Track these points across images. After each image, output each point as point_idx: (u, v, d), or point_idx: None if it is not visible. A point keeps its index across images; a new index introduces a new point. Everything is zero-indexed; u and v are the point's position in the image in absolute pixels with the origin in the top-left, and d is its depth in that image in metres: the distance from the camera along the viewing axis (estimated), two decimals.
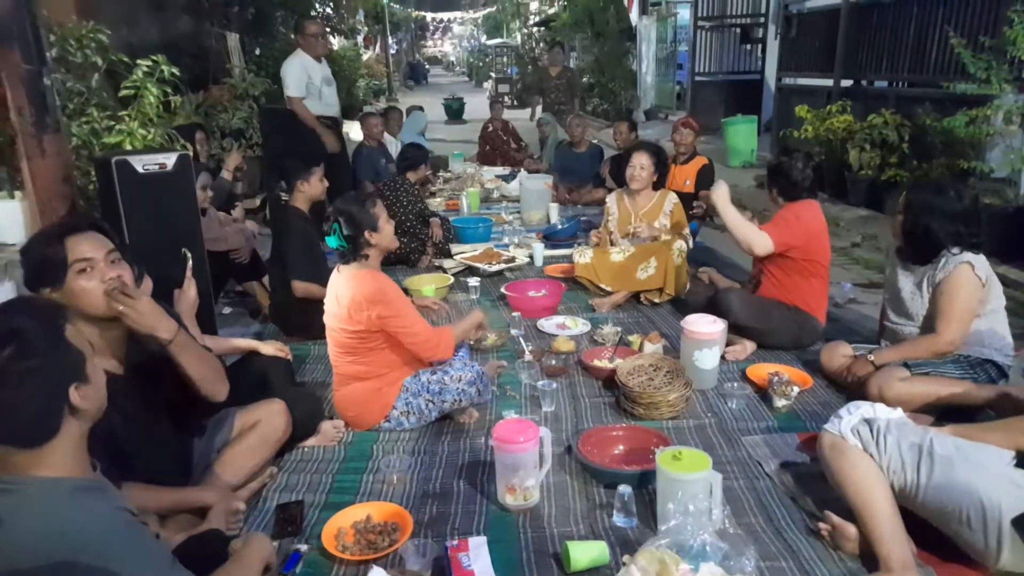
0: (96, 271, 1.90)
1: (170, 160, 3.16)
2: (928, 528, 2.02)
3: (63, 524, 1.27)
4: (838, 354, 3.16)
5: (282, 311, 3.90)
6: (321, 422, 2.86)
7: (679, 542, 1.81)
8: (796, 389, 2.98)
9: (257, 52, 8.79)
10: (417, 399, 2.88)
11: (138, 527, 1.39)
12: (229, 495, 2.26)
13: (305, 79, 5.56)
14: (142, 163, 3.07)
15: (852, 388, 2.97)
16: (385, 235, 2.87)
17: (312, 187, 3.91)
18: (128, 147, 3.47)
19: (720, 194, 3.48)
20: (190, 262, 2.66)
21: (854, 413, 2.17)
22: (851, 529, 2.08)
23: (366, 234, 2.80)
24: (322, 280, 3.86)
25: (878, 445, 2.06)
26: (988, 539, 1.90)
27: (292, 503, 2.38)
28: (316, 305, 3.75)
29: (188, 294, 2.61)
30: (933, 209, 2.81)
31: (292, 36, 8.87)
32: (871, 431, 2.09)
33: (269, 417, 2.52)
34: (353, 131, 9.28)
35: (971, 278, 2.74)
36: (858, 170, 6.31)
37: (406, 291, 4.24)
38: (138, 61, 3.56)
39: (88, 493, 1.34)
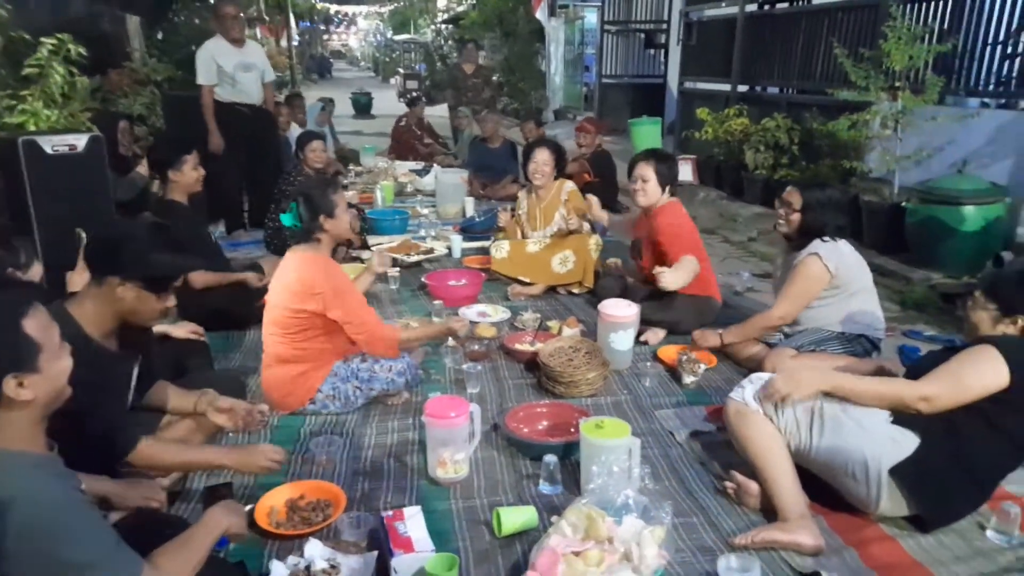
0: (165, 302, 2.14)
1: (81, 141, 3.06)
2: (818, 482, 2.27)
3: (11, 495, 1.28)
4: None
5: (189, 307, 3.76)
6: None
7: (603, 499, 1.96)
8: (703, 367, 3.22)
9: (160, 36, 8.43)
10: (345, 385, 2.92)
11: (86, 506, 1.41)
12: (154, 489, 2.22)
13: (214, 66, 5.35)
14: (51, 144, 2.97)
15: (748, 365, 3.25)
16: (341, 222, 2.90)
17: (185, 176, 3.63)
18: (32, 128, 3.32)
19: (667, 279, 3.48)
20: (84, 243, 2.60)
21: (755, 382, 2.39)
22: (754, 486, 2.30)
23: (321, 218, 2.82)
24: (219, 267, 3.79)
25: (776, 409, 2.29)
26: (870, 489, 2.16)
27: (221, 485, 2.37)
28: (221, 293, 3.68)
29: (81, 277, 2.54)
30: (827, 205, 3.10)
31: (196, 21, 8.60)
32: None
33: None
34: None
35: (816, 268, 3.04)
36: (753, 170, 6.74)
37: None
38: (42, 39, 3.40)
39: (41, 469, 1.36)
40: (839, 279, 3.07)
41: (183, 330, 2.95)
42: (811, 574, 2.01)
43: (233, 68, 5.44)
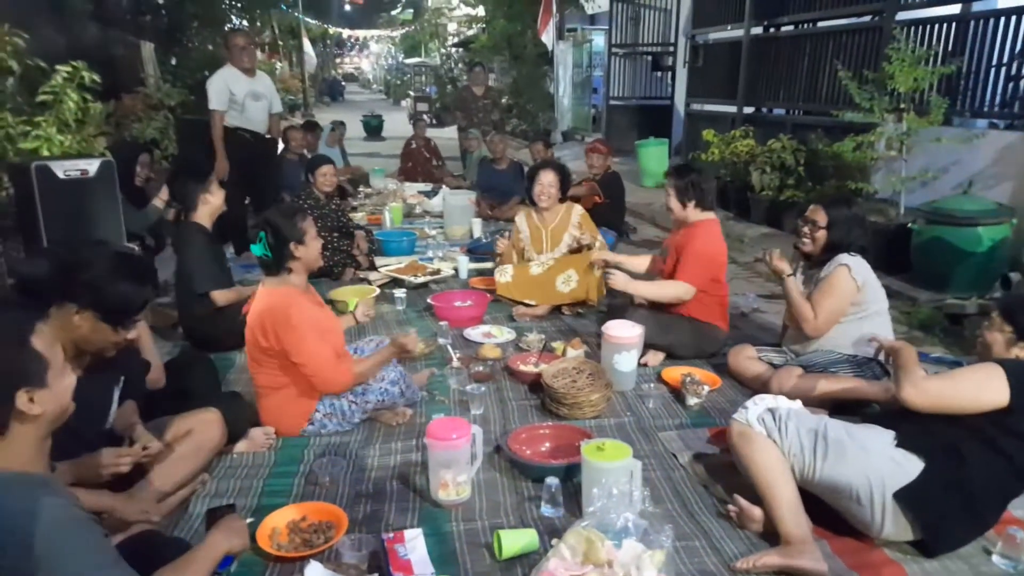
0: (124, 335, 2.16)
1: (92, 166, 3.12)
2: (822, 505, 2.25)
3: (14, 514, 1.30)
4: (744, 356, 3.42)
5: (195, 328, 3.80)
6: (250, 427, 2.86)
7: (603, 522, 1.95)
8: (706, 388, 3.21)
9: (173, 62, 8.59)
10: (340, 400, 2.92)
11: (87, 524, 1.41)
12: (152, 504, 2.23)
13: (226, 93, 5.47)
14: (63, 169, 3.02)
15: (753, 386, 3.25)
16: (311, 250, 2.87)
17: (215, 196, 3.71)
18: (45, 153, 3.38)
19: (619, 280, 3.65)
20: None
21: (759, 404, 2.38)
22: (756, 511, 2.28)
23: (291, 246, 2.79)
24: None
25: (780, 431, 2.28)
26: (874, 513, 2.14)
27: (223, 507, 2.37)
28: (228, 313, 3.69)
29: None
30: (853, 222, 3.12)
31: (209, 47, 8.76)
32: (774, 419, 2.30)
33: (203, 426, 2.51)
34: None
35: (846, 279, 3.05)
36: (759, 191, 6.75)
37: (331, 303, 4.25)
38: (57, 67, 3.47)
39: (42, 488, 1.37)
40: (862, 295, 3.07)
41: None
42: None
43: (243, 96, 5.55)
